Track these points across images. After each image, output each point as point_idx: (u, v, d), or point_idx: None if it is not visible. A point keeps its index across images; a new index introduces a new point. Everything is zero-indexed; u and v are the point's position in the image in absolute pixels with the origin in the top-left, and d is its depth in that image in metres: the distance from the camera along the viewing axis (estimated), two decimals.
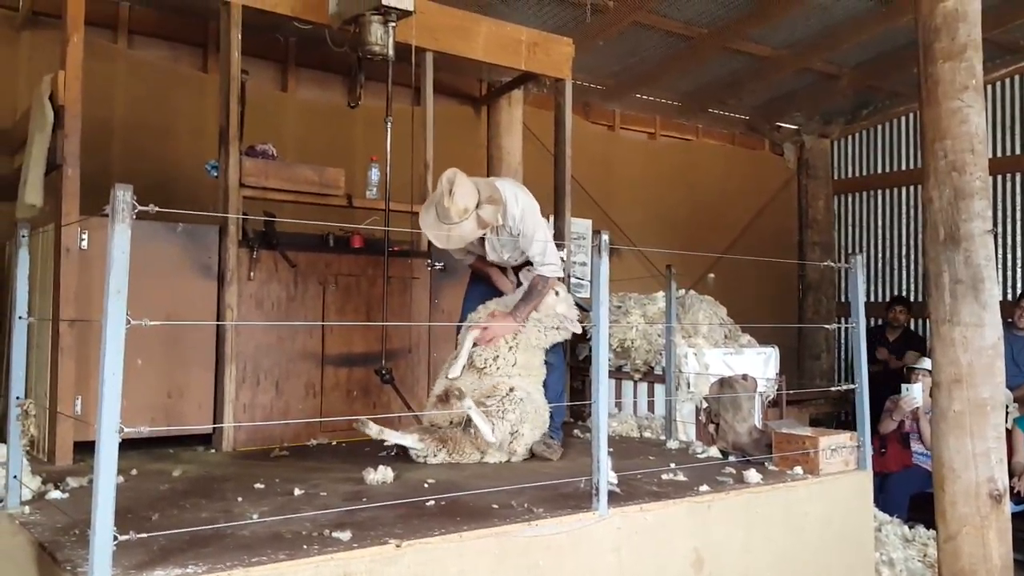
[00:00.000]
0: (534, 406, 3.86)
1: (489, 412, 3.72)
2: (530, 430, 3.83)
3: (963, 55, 3.90)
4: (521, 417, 3.77)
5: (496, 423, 3.72)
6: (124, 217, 2.04)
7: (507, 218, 3.90)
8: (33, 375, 3.92)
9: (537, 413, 3.87)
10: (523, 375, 3.92)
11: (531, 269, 4.04)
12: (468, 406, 3.70)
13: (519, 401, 3.77)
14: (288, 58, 6.41)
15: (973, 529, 3.79)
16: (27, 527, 2.60)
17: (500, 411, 3.73)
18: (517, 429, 3.77)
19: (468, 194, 3.73)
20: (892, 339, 7.76)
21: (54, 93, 3.84)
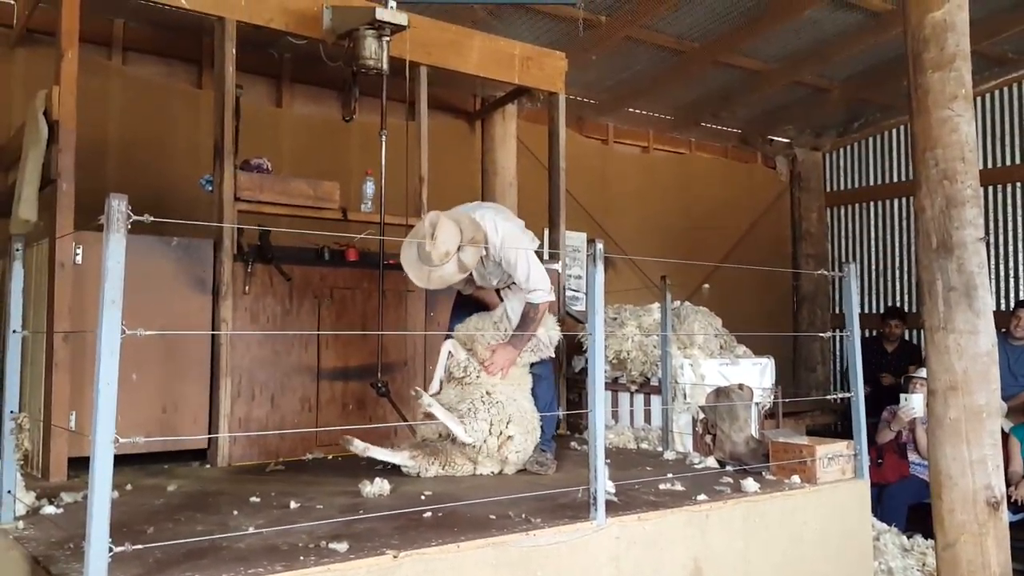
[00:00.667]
0: (520, 410, 3.83)
1: (462, 414, 3.70)
2: (520, 434, 3.79)
3: (952, 65, 3.93)
4: (503, 419, 3.73)
5: (469, 423, 3.69)
6: (119, 227, 2.04)
7: (489, 247, 3.86)
8: (27, 391, 3.89)
9: (524, 417, 3.84)
10: (505, 384, 3.89)
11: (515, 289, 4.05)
12: (428, 403, 3.69)
13: (496, 403, 3.75)
14: (283, 74, 6.43)
15: (971, 536, 3.78)
16: (21, 542, 2.58)
17: (472, 411, 3.71)
18: (502, 431, 3.73)
19: (450, 238, 3.67)
20: (891, 351, 7.73)
21: (48, 108, 3.84)
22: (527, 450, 3.86)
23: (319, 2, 4.45)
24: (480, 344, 3.97)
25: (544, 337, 3.97)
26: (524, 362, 4.02)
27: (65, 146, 3.78)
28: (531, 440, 3.88)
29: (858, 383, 4.00)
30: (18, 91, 5.25)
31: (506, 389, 3.86)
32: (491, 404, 3.75)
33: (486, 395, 3.78)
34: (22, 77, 5.30)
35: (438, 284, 3.77)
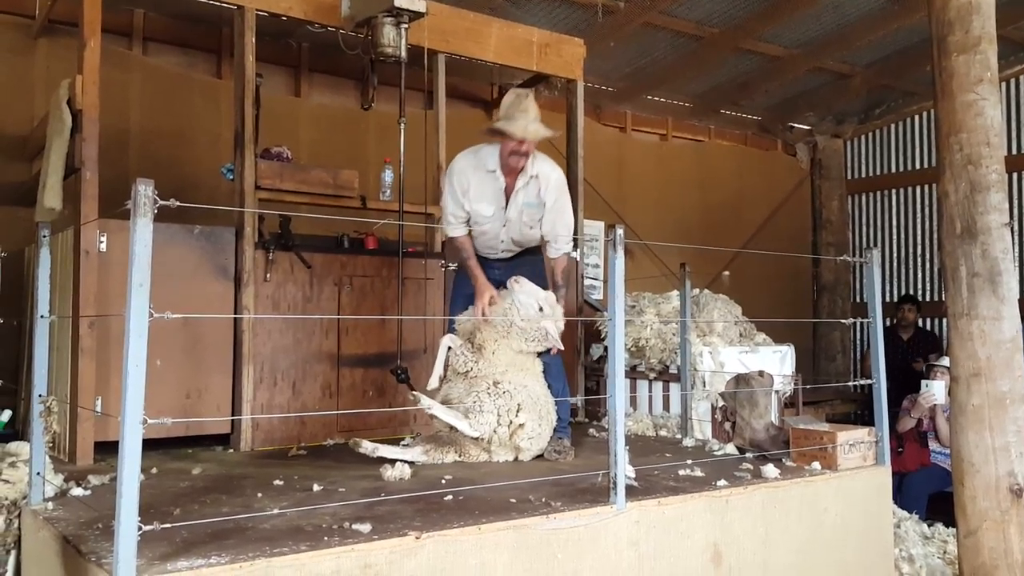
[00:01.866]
0: (531, 396, 3.78)
1: (468, 408, 3.69)
2: (532, 420, 3.75)
3: (977, 48, 3.88)
4: (512, 407, 3.70)
5: (474, 417, 3.68)
6: (146, 211, 2.06)
7: (547, 176, 3.92)
8: (54, 377, 3.94)
9: (536, 403, 3.79)
10: (514, 371, 3.83)
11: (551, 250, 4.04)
12: (427, 405, 3.69)
13: (504, 393, 3.72)
14: (301, 63, 6.46)
15: (993, 524, 3.75)
16: (51, 522, 2.63)
17: (478, 404, 3.69)
18: (512, 420, 3.71)
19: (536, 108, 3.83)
20: (906, 338, 7.69)
21: (72, 98, 3.89)
22: (542, 435, 3.82)
23: None
24: (486, 334, 3.88)
25: (552, 329, 3.88)
26: (531, 349, 3.92)
27: (88, 135, 3.82)
28: (545, 425, 3.84)
29: (880, 369, 3.97)
30: (41, 82, 5.31)
31: (515, 377, 3.81)
32: (498, 395, 3.72)
33: (493, 386, 3.74)
34: (44, 68, 5.36)
35: (534, 134, 3.77)
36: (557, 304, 3.90)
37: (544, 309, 3.84)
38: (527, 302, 3.85)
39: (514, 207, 3.94)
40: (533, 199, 3.93)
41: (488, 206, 3.93)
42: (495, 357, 3.82)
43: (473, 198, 3.93)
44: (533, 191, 3.93)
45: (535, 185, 3.92)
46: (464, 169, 3.94)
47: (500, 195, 3.93)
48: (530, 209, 3.95)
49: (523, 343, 3.86)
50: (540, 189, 3.92)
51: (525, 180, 3.92)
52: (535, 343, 3.89)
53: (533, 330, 3.84)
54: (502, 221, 3.97)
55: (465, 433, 3.69)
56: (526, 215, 3.96)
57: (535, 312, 3.84)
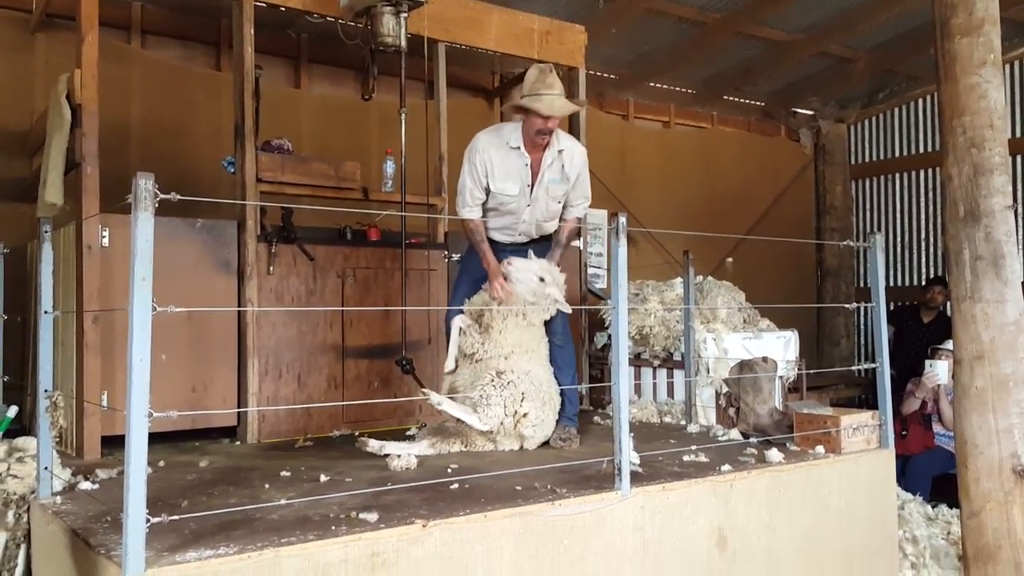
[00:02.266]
0: (535, 382, 3.78)
1: (475, 402, 3.69)
2: (535, 408, 3.74)
3: (980, 30, 3.87)
4: (517, 397, 3.70)
5: (483, 410, 3.67)
6: (147, 205, 2.07)
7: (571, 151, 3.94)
8: (59, 372, 3.97)
9: (539, 389, 3.78)
10: (519, 354, 3.83)
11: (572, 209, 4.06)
12: (438, 401, 3.69)
13: (508, 383, 3.71)
14: (300, 54, 6.45)
15: (997, 505, 3.77)
16: (60, 516, 2.64)
17: (484, 397, 3.69)
18: (516, 410, 3.70)
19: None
20: (927, 321, 7.51)
21: (71, 92, 3.89)
22: (545, 422, 3.81)
23: None
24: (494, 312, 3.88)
25: (559, 295, 3.87)
26: (538, 321, 3.90)
27: (88, 130, 3.82)
28: (548, 410, 3.82)
29: (883, 352, 3.98)
30: (39, 77, 5.30)
31: (519, 363, 3.80)
32: (503, 386, 3.71)
33: (496, 377, 3.73)
34: (43, 62, 5.35)
35: (560, 110, 3.77)
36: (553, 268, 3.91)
37: (544, 278, 3.85)
38: (526, 279, 3.84)
39: (541, 185, 3.92)
40: (558, 175, 3.93)
41: (513, 185, 3.90)
42: (502, 337, 3.82)
43: (498, 177, 3.89)
44: (558, 167, 3.92)
45: (558, 162, 3.92)
46: (487, 147, 3.90)
47: (526, 172, 3.90)
48: (555, 186, 3.94)
49: (533, 314, 3.86)
50: (565, 164, 3.92)
51: (552, 156, 3.90)
52: (542, 312, 3.89)
53: (538, 298, 3.86)
54: (527, 200, 3.95)
55: (475, 427, 3.70)
56: (552, 191, 3.95)
57: (537, 284, 3.84)
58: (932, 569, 4.11)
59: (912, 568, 4.08)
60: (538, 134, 3.79)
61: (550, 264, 3.93)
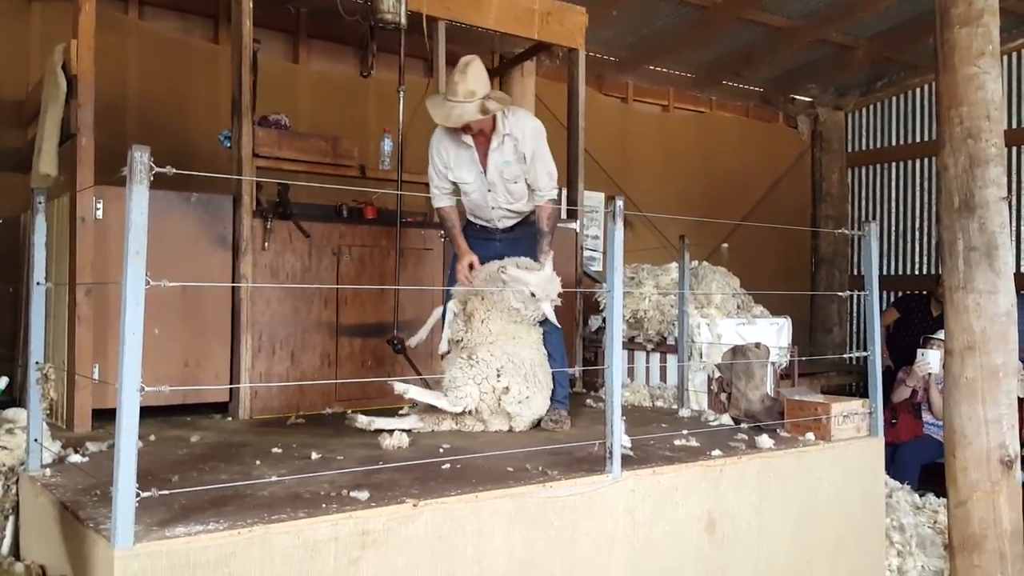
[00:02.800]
0: (515, 360, 3.75)
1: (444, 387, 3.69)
2: (518, 383, 3.71)
3: (980, 20, 3.86)
4: (491, 373, 3.68)
5: (451, 393, 3.66)
6: (142, 178, 2.05)
7: (521, 130, 3.87)
8: (51, 344, 3.95)
9: (520, 366, 3.74)
10: (504, 341, 3.80)
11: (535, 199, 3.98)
12: (404, 390, 3.68)
13: (477, 363, 3.70)
14: (299, 29, 6.40)
15: (984, 495, 3.80)
16: (49, 488, 2.64)
17: (452, 380, 3.68)
18: (494, 386, 3.68)
19: (479, 79, 3.71)
20: (936, 315, 7.42)
21: (67, 63, 3.85)
22: (532, 399, 3.77)
23: None
24: (475, 303, 3.88)
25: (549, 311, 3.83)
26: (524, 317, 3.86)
27: (84, 100, 3.79)
28: (535, 388, 3.78)
29: (875, 341, 3.99)
30: (35, 46, 5.26)
31: (498, 344, 3.77)
32: (471, 366, 3.70)
33: (467, 359, 3.73)
34: (39, 32, 5.31)
35: (456, 121, 3.73)
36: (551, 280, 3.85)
37: (536, 294, 3.79)
38: (517, 289, 3.81)
39: (493, 169, 3.92)
40: (510, 156, 3.90)
41: (468, 173, 3.96)
42: (484, 326, 3.82)
43: (454, 167, 3.96)
44: (509, 149, 3.90)
45: (509, 142, 3.90)
46: (441, 139, 3.97)
47: (475, 162, 3.94)
48: (509, 168, 3.92)
49: (515, 315, 3.84)
50: (516, 144, 3.90)
51: (498, 141, 3.89)
52: (530, 316, 3.87)
53: (526, 308, 3.82)
54: (485, 185, 3.97)
55: (447, 410, 3.70)
56: (507, 173, 3.93)
57: (527, 298, 3.80)
58: (918, 557, 4.14)
59: (898, 556, 4.12)
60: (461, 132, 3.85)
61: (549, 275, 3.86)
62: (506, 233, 4.13)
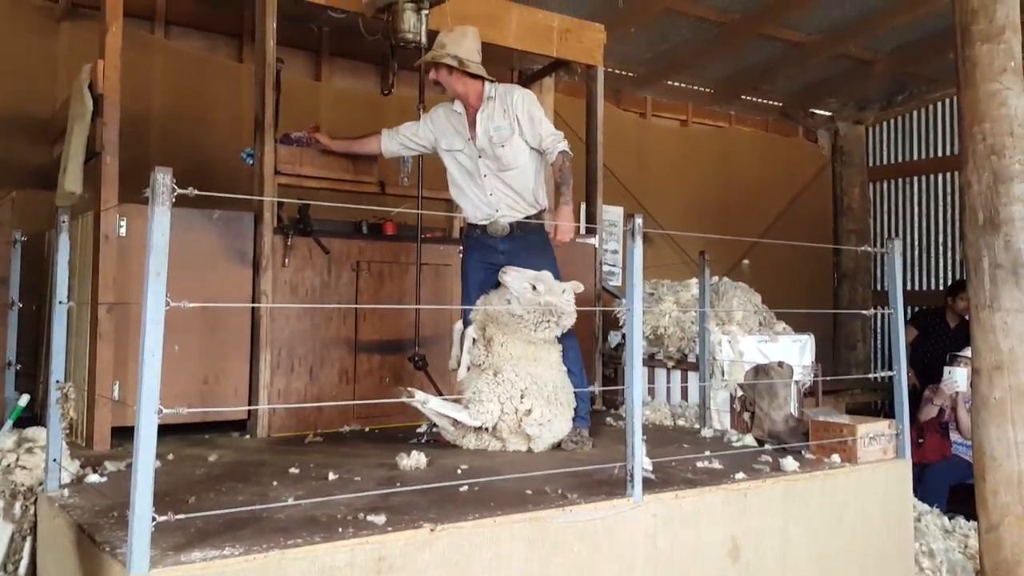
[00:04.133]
0: (538, 382, 3.73)
1: (467, 400, 3.67)
2: (540, 406, 3.69)
3: (1001, 37, 3.81)
4: (515, 394, 3.66)
5: (474, 407, 3.64)
6: (164, 200, 2.05)
7: (508, 94, 4.02)
8: (72, 361, 3.97)
9: (543, 388, 3.73)
10: (526, 363, 3.79)
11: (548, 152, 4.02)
12: (423, 400, 3.68)
13: (504, 381, 3.68)
14: (322, 47, 6.43)
15: (1015, 519, 3.71)
16: (66, 510, 2.64)
17: (476, 392, 3.67)
18: (517, 407, 3.66)
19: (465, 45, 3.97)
20: (953, 326, 7.34)
21: (93, 82, 3.88)
22: (553, 422, 3.74)
23: None
24: (496, 325, 3.87)
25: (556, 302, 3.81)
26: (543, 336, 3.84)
27: (109, 119, 3.82)
28: (557, 410, 3.76)
29: (901, 361, 3.93)
30: (63, 65, 5.32)
31: (521, 366, 3.76)
32: (498, 383, 3.68)
33: (492, 376, 3.72)
34: (67, 51, 5.37)
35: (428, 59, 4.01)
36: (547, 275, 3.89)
37: (537, 287, 3.80)
38: (520, 288, 3.81)
39: (482, 135, 4.01)
40: (500, 121, 3.99)
41: (458, 140, 4.09)
42: (504, 350, 3.80)
43: (445, 135, 4.14)
44: (498, 113, 4.00)
45: (497, 105, 4.01)
46: (438, 108, 4.21)
47: (464, 127, 4.07)
48: (500, 132, 3.99)
49: (531, 334, 3.82)
50: (506, 108, 3.99)
51: (484, 105, 4.02)
52: (545, 329, 3.84)
53: (537, 317, 3.79)
54: (475, 152, 4.05)
55: (466, 424, 3.68)
56: (495, 137, 4.00)
57: (532, 294, 3.80)
58: None
59: None
60: (435, 84, 4.08)
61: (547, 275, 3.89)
62: (507, 242, 4.08)
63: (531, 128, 4.01)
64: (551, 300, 3.80)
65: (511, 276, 3.84)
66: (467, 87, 4.01)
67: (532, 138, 4.02)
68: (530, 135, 4.02)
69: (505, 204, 4.07)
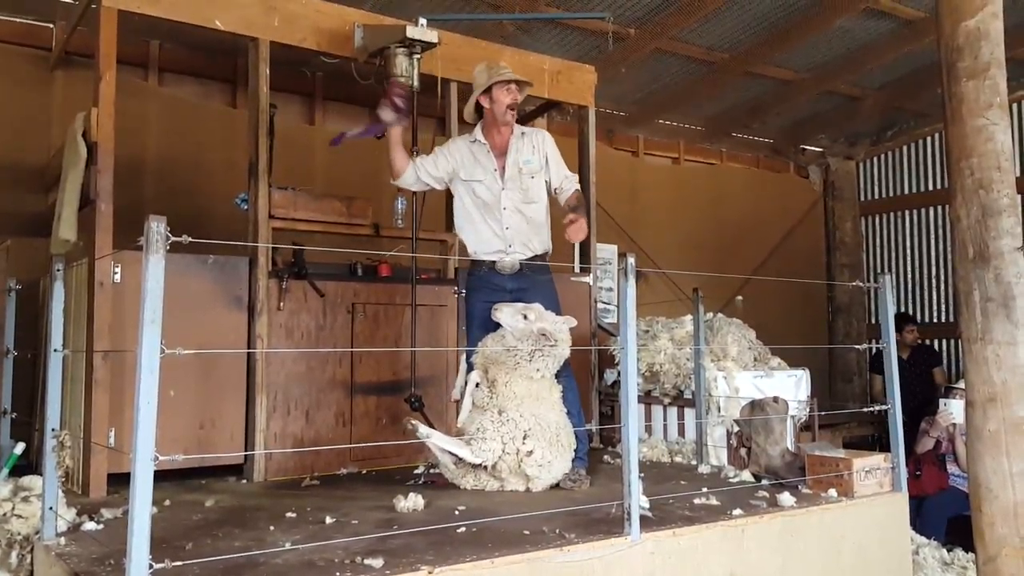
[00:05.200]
0: (542, 423, 3.74)
1: (471, 436, 3.68)
2: (541, 448, 3.69)
3: (987, 73, 3.88)
4: (518, 435, 3.66)
5: (477, 444, 3.65)
6: (158, 248, 2.08)
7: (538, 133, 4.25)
8: (68, 407, 3.97)
9: (547, 430, 3.73)
10: (529, 403, 3.80)
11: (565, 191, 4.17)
12: (426, 434, 3.69)
13: (509, 420, 3.69)
14: (315, 92, 6.53)
15: (1013, 551, 3.70)
16: (63, 558, 2.63)
17: (480, 430, 3.68)
18: (519, 449, 3.66)
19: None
20: (906, 357, 7.45)
21: (87, 130, 3.93)
22: (553, 464, 3.75)
23: (350, 21, 4.51)
24: (497, 366, 3.87)
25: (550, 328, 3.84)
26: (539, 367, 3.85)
27: (103, 167, 3.85)
28: (558, 452, 3.77)
29: (895, 395, 3.94)
30: (57, 112, 5.38)
31: (525, 406, 3.77)
32: (502, 423, 3.69)
33: (498, 415, 3.72)
34: (61, 99, 5.44)
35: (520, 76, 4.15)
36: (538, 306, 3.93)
37: (528, 316, 3.84)
38: (511, 321, 3.85)
39: (512, 165, 4.12)
40: (530, 155, 4.14)
41: (482, 172, 4.14)
42: (507, 389, 3.81)
43: (467, 166, 4.17)
44: (527, 148, 4.15)
45: (528, 141, 4.17)
46: (456, 140, 4.29)
47: (488, 158, 4.14)
48: (529, 165, 4.13)
49: (528, 366, 3.84)
50: (535, 145, 4.14)
51: (516, 139, 4.17)
52: (540, 358, 3.85)
53: (531, 346, 3.81)
54: (499, 184, 4.12)
55: (467, 460, 3.68)
56: (526, 169, 4.13)
57: (524, 323, 3.83)
58: None
59: None
60: (508, 110, 4.10)
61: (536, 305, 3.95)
62: (515, 280, 4.12)
63: (556, 167, 4.19)
64: (544, 327, 3.84)
65: (503, 311, 3.88)
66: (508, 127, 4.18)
67: (555, 176, 4.18)
68: (554, 173, 4.18)
69: (519, 240, 4.12)
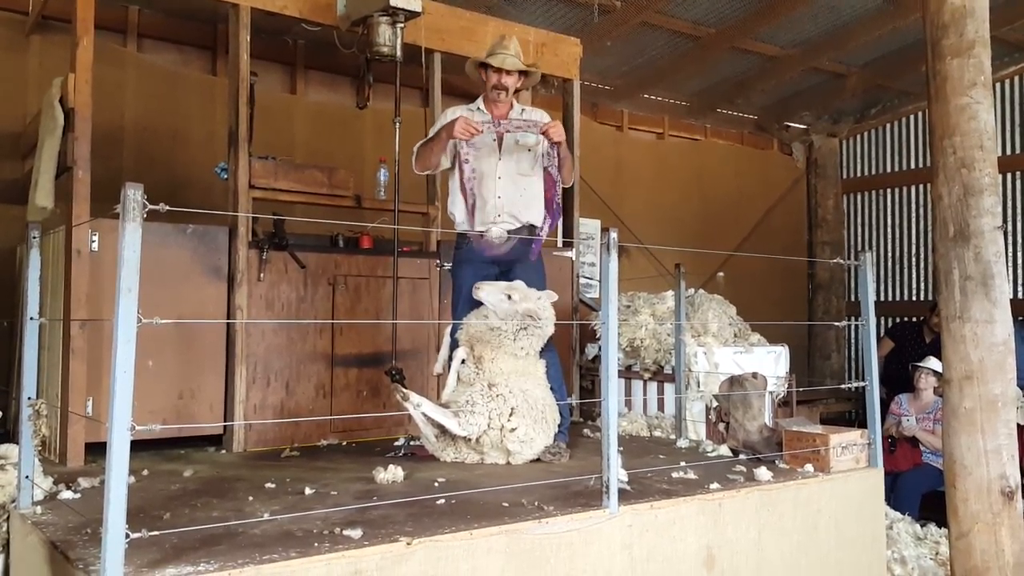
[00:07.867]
0: (529, 400, 3.76)
1: (460, 407, 3.69)
2: (527, 424, 3.71)
3: (971, 51, 3.88)
4: (505, 411, 3.68)
5: (464, 416, 3.66)
6: (135, 216, 2.05)
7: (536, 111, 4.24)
8: (45, 377, 3.94)
9: (533, 407, 3.75)
10: (515, 377, 3.80)
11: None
12: (417, 402, 3.69)
13: (498, 396, 3.70)
14: (296, 60, 6.44)
15: (985, 526, 3.76)
16: (39, 527, 2.61)
17: (470, 403, 3.68)
18: (503, 424, 3.68)
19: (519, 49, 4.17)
20: (929, 341, 7.38)
21: (64, 96, 3.86)
22: (535, 440, 3.77)
23: None
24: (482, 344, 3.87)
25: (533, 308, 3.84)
26: (523, 345, 3.87)
27: (81, 134, 3.80)
28: (541, 429, 3.79)
29: (873, 372, 3.98)
30: (34, 78, 5.28)
31: (513, 381, 3.77)
32: (491, 397, 3.70)
33: (487, 388, 3.73)
34: (37, 64, 5.33)
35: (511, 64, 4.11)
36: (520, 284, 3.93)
37: (512, 296, 3.84)
38: (495, 300, 3.84)
39: (509, 136, 4.12)
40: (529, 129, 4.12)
41: (480, 140, 4.09)
42: (494, 365, 3.81)
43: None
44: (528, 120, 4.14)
45: (529, 115, 4.17)
46: (455, 110, 4.22)
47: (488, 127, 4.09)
48: (526, 137, 4.14)
49: (512, 345, 3.84)
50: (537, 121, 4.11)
51: (519, 110, 4.21)
52: (525, 338, 3.86)
53: (516, 326, 3.81)
54: (495, 155, 4.12)
55: (454, 432, 3.68)
56: (522, 140, 4.14)
57: (508, 304, 3.82)
58: None
59: None
60: (493, 89, 4.12)
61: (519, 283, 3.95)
62: (504, 254, 4.12)
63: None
64: (528, 307, 3.83)
65: (485, 290, 3.87)
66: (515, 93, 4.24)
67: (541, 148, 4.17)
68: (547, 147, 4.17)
69: (509, 211, 4.12)
